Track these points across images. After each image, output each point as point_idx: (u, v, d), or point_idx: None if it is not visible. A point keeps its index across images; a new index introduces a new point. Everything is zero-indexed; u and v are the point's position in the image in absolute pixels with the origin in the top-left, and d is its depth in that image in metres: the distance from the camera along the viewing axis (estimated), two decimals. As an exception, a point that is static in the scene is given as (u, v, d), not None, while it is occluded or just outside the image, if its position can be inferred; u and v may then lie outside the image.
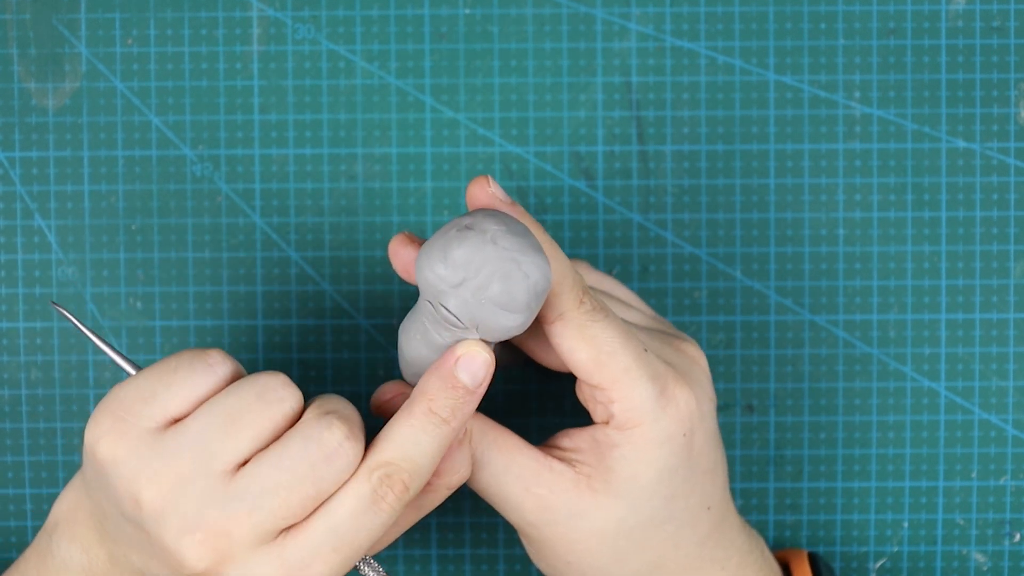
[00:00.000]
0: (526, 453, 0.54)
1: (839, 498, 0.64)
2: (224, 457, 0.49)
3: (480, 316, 0.49)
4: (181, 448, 0.49)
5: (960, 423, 0.64)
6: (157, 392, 0.50)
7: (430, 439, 0.50)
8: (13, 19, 0.63)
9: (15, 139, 0.63)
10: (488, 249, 0.49)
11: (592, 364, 0.52)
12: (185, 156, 0.63)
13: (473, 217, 0.49)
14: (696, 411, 0.53)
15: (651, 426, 0.52)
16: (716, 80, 0.63)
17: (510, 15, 0.63)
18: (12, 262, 0.63)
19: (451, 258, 0.49)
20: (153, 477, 0.49)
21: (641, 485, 0.53)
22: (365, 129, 0.63)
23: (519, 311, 0.49)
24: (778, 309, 0.64)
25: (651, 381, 0.52)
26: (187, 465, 0.49)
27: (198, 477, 0.49)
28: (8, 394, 0.64)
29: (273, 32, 0.63)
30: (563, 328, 0.51)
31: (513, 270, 0.49)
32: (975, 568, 0.64)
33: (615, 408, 0.52)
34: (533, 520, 0.54)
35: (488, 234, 0.49)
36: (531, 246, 0.49)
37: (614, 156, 0.64)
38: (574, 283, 0.51)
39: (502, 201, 0.51)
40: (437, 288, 0.49)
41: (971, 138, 0.63)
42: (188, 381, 0.50)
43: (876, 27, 0.63)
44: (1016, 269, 0.64)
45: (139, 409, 0.50)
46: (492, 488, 0.54)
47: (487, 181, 0.51)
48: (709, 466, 0.55)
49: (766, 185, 0.64)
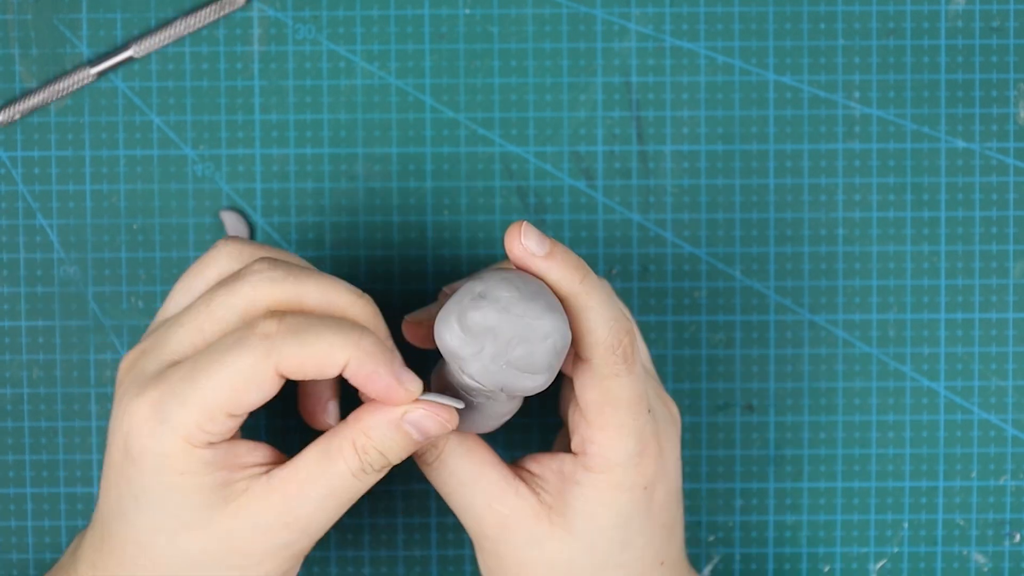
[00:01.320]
0: (496, 470, 0.54)
1: (839, 498, 0.64)
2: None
3: (502, 380, 0.50)
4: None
5: (960, 423, 0.64)
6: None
7: (333, 330, 0.50)
8: (14, 19, 0.63)
9: (17, 139, 0.63)
10: (503, 317, 0.49)
11: (595, 408, 0.53)
12: (186, 156, 0.63)
13: (486, 283, 0.50)
14: (661, 469, 0.54)
15: (617, 475, 0.53)
16: (716, 80, 0.63)
17: (510, 15, 0.63)
18: (14, 261, 0.64)
19: (467, 328, 0.50)
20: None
21: (597, 526, 0.54)
22: (365, 129, 0.63)
23: (541, 372, 0.50)
24: (778, 309, 0.64)
25: (636, 441, 0.53)
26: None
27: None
28: (10, 393, 0.64)
29: (274, 32, 0.63)
30: (585, 370, 0.52)
31: (530, 334, 0.49)
32: (975, 569, 0.64)
33: (592, 449, 0.53)
34: (491, 535, 0.55)
35: (501, 302, 0.49)
36: (546, 307, 0.50)
37: (614, 156, 0.64)
38: (609, 334, 0.51)
39: (536, 256, 0.51)
40: (457, 355, 0.50)
41: (970, 138, 0.63)
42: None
43: (876, 27, 0.63)
44: (1015, 269, 0.64)
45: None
46: (457, 495, 0.55)
47: (520, 232, 0.51)
48: (668, 521, 0.56)
49: (766, 185, 0.64)
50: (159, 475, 0.50)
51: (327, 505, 0.51)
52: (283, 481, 0.51)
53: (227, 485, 0.51)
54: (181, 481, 0.50)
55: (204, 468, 0.50)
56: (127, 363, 0.53)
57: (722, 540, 0.64)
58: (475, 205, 0.64)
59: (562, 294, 0.51)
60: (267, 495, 0.51)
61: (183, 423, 0.50)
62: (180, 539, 0.51)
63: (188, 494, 0.50)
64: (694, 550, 0.64)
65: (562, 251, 0.51)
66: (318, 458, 0.51)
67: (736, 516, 0.64)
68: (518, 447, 0.64)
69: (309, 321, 0.50)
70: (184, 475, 0.50)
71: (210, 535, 0.51)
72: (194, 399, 0.49)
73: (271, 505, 0.51)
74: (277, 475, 0.51)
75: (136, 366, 0.52)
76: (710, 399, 0.64)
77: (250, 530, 0.51)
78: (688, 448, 0.64)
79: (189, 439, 0.50)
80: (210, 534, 0.51)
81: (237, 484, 0.51)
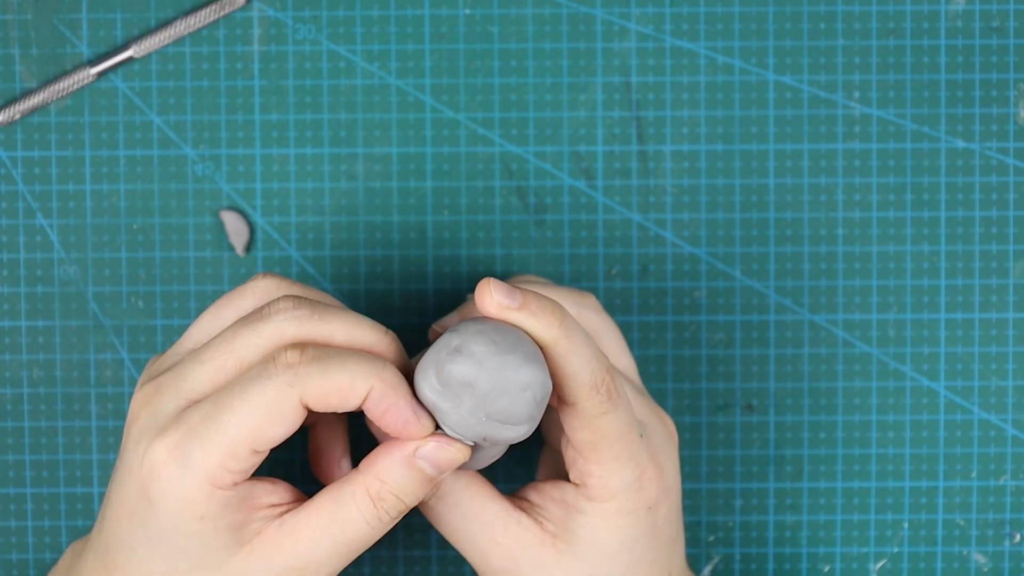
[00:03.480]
0: (496, 503, 0.54)
1: (839, 498, 0.64)
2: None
3: (483, 432, 0.50)
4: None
5: (960, 423, 0.64)
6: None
7: (356, 360, 0.50)
8: (14, 19, 0.63)
9: (17, 138, 0.63)
10: (480, 371, 0.49)
11: (589, 446, 0.52)
12: (186, 156, 0.63)
13: (461, 336, 0.50)
14: (663, 488, 0.54)
15: (620, 501, 0.53)
16: (716, 80, 0.63)
17: (510, 15, 0.63)
18: (14, 261, 0.64)
19: (445, 382, 0.49)
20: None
21: (604, 551, 0.54)
22: (365, 129, 0.63)
23: (522, 423, 0.50)
24: (778, 309, 0.64)
25: (634, 468, 0.53)
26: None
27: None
28: (10, 393, 0.64)
29: (274, 32, 0.63)
30: (573, 413, 0.52)
31: (509, 387, 0.49)
32: (975, 569, 0.64)
33: (591, 482, 0.53)
34: (498, 568, 0.54)
35: (476, 356, 0.49)
36: (524, 359, 0.49)
37: (614, 156, 0.64)
38: (592, 375, 0.51)
39: (508, 308, 0.51)
40: (436, 408, 0.50)
41: (970, 138, 0.63)
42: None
43: (876, 27, 0.63)
44: (1015, 269, 0.64)
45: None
46: (460, 532, 0.54)
47: (489, 289, 0.51)
48: (672, 535, 0.56)
49: (766, 185, 0.64)
50: (178, 519, 0.50)
51: (339, 552, 0.51)
52: (294, 528, 0.51)
53: (243, 527, 0.50)
54: (199, 526, 0.50)
55: (224, 511, 0.50)
56: (142, 397, 0.52)
57: (722, 540, 0.64)
58: (475, 205, 0.64)
59: (541, 342, 0.51)
60: (279, 540, 0.50)
61: (206, 465, 0.49)
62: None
63: (205, 538, 0.50)
64: (694, 550, 0.64)
65: (535, 299, 0.51)
66: (330, 506, 0.51)
67: (736, 516, 0.64)
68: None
69: (330, 352, 0.50)
70: (204, 519, 0.50)
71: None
72: (216, 438, 0.49)
73: (283, 550, 0.50)
74: (289, 521, 0.51)
75: (152, 403, 0.51)
76: (710, 399, 0.64)
77: (262, 572, 0.51)
78: (688, 448, 0.64)
79: (212, 480, 0.49)
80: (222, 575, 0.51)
81: (252, 526, 0.51)
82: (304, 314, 0.51)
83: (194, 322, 0.54)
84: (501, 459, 0.64)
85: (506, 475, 0.64)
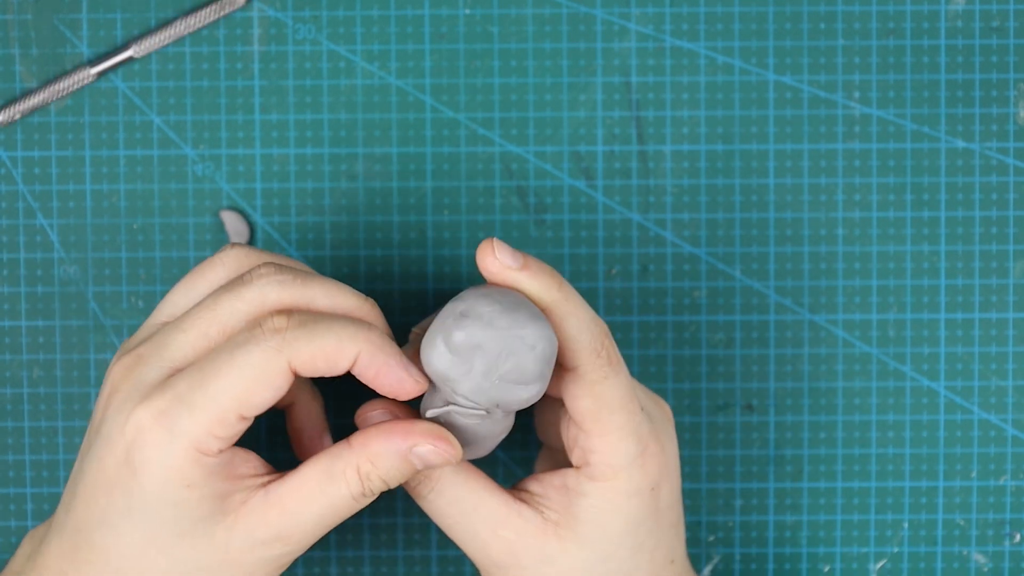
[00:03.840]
0: (496, 496, 0.54)
1: (839, 498, 0.64)
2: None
3: (496, 395, 0.50)
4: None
5: (960, 423, 0.64)
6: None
7: (342, 324, 0.50)
8: (15, 19, 0.63)
9: (17, 138, 0.63)
10: (488, 332, 0.49)
11: (590, 415, 0.53)
12: (186, 156, 0.64)
13: (466, 301, 0.50)
14: (665, 467, 0.54)
15: (623, 480, 0.53)
16: (716, 80, 0.63)
17: (510, 15, 0.63)
18: (14, 261, 0.64)
19: (454, 349, 0.50)
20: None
21: (608, 534, 0.54)
22: (365, 129, 0.63)
23: (533, 382, 0.50)
24: (778, 309, 0.64)
25: (636, 442, 0.53)
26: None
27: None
28: (10, 393, 0.64)
29: (274, 32, 0.63)
30: (574, 379, 0.52)
31: (517, 346, 0.49)
32: (975, 569, 0.64)
33: (594, 459, 0.53)
34: (499, 562, 0.54)
35: (484, 318, 0.49)
36: (529, 317, 0.50)
37: (614, 156, 0.64)
38: (592, 338, 0.52)
39: (511, 268, 0.51)
40: (447, 377, 0.50)
41: (970, 138, 0.63)
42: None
43: (876, 27, 0.63)
44: (1015, 269, 0.64)
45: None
46: (460, 527, 0.54)
47: (492, 248, 0.51)
48: (675, 520, 0.56)
49: (766, 185, 0.64)
50: (162, 487, 0.50)
51: (324, 523, 0.51)
52: (281, 497, 0.51)
53: (227, 496, 0.50)
54: (185, 493, 0.50)
55: (208, 479, 0.50)
56: (122, 368, 0.52)
57: (722, 540, 0.64)
58: (475, 205, 0.64)
59: (542, 304, 0.51)
60: (265, 510, 0.50)
61: (193, 430, 0.49)
62: (175, 550, 0.50)
63: (190, 507, 0.50)
64: (694, 550, 0.64)
65: (535, 261, 0.51)
66: (320, 479, 0.51)
67: (736, 516, 0.64)
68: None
69: (316, 317, 0.50)
70: (189, 487, 0.50)
71: (206, 546, 0.50)
72: (204, 403, 0.49)
73: (269, 520, 0.51)
74: (275, 491, 0.51)
75: (134, 373, 0.51)
76: (710, 399, 0.64)
77: (246, 542, 0.51)
78: (688, 448, 0.64)
79: (199, 447, 0.49)
80: (206, 545, 0.50)
81: (236, 495, 0.51)
82: (286, 279, 0.51)
83: (165, 296, 0.54)
84: (501, 460, 0.64)
85: (506, 475, 0.64)
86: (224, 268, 0.54)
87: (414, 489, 0.54)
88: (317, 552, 0.64)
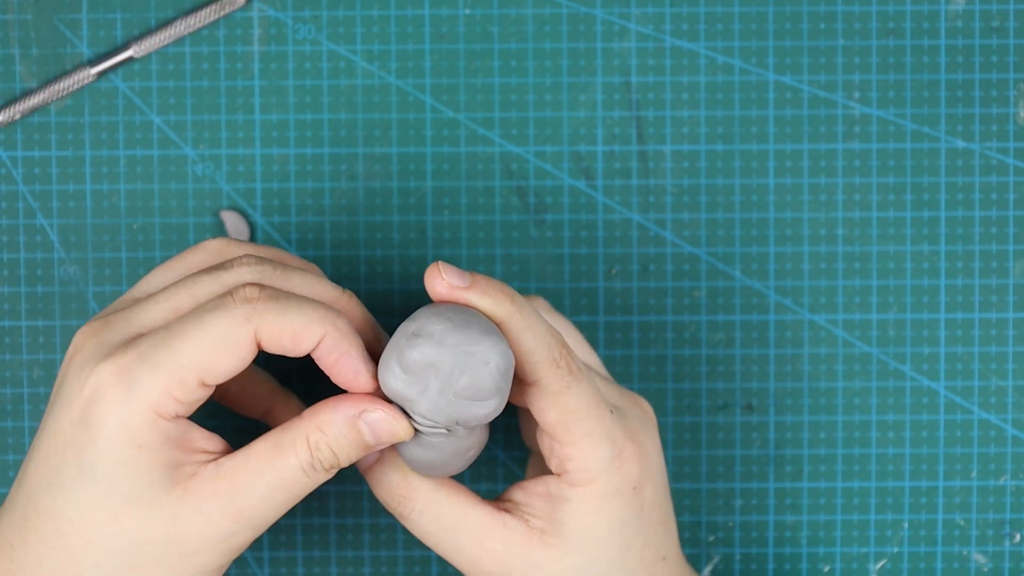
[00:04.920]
0: (479, 508, 0.54)
1: (839, 498, 0.64)
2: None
3: (453, 413, 0.50)
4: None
5: (960, 423, 0.64)
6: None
7: (311, 305, 0.51)
8: (15, 19, 0.63)
9: (17, 138, 0.63)
10: (440, 350, 0.49)
11: (559, 425, 0.53)
12: (186, 156, 0.64)
13: (418, 321, 0.50)
14: (645, 467, 0.54)
15: (603, 483, 0.53)
16: (716, 80, 0.63)
17: (510, 15, 0.63)
18: (15, 261, 0.64)
19: (408, 369, 0.50)
20: None
21: (593, 537, 0.54)
22: (365, 129, 0.63)
23: (490, 397, 0.50)
24: (777, 309, 0.64)
25: (609, 445, 0.53)
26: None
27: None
28: (10, 393, 0.64)
29: (274, 32, 0.63)
30: (537, 392, 0.52)
31: (470, 362, 0.50)
32: (975, 569, 0.64)
33: (571, 466, 0.53)
34: (489, 573, 0.54)
35: (436, 336, 0.50)
36: (481, 332, 0.50)
37: (614, 156, 0.64)
38: (549, 350, 0.52)
39: (459, 288, 0.51)
40: (404, 397, 0.50)
41: (970, 138, 0.63)
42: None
43: (876, 27, 0.63)
44: (1015, 269, 0.64)
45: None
46: (447, 543, 0.54)
47: (439, 271, 0.51)
48: (662, 517, 0.56)
49: (766, 185, 0.64)
50: (115, 446, 0.49)
51: (274, 498, 0.51)
52: (231, 470, 0.50)
53: (178, 467, 0.50)
54: (137, 455, 0.49)
55: (162, 444, 0.49)
56: (88, 330, 0.51)
57: (722, 540, 0.64)
58: (475, 205, 0.64)
59: (496, 319, 0.51)
60: (214, 481, 0.50)
61: (152, 389, 0.49)
62: (121, 518, 0.50)
63: (140, 470, 0.49)
64: (694, 550, 0.64)
65: (484, 278, 0.51)
66: (269, 450, 0.50)
67: (736, 516, 0.64)
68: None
69: (288, 295, 0.50)
70: (141, 449, 0.49)
71: (153, 516, 0.50)
72: (166, 363, 0.49)
73: (217, 492, 0.50)
74: (226, 463, 0.50)
75: (99, 335, 0.51)
76: (710, 399, 0.64)
77: (194, 516, 0.50)
78: (688, 448, 0.64)
79: (156, 407, 0.49)
80: (153, 515, 0.50)
81: (186, 467, 0.50)
82: (266, 269, 0.52)
83: (143, 278, 0.54)
84: (500, 459, 0.64)
85: (506, 474, 0.64)
86: (207, 255, 0.54)
87: (396, 510, 0.55)
88: (317, 552, 0.64)
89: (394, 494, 0.54)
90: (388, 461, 0.55)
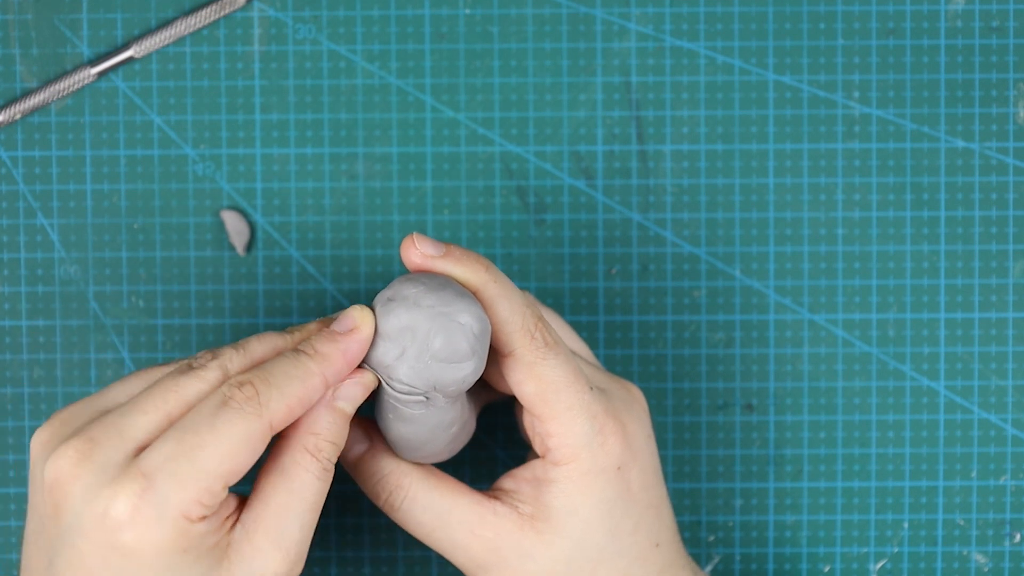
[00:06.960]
0: (468, 497, 0.55)
1: (839, 498, 0.64)
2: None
3: (432, 376, 0.51)
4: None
5: (959, 422, 0.64)
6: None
7: (292, 364, 0.50)
8: (15, 19, 0.63)
9: (18, 138, 0.63)
10: (414, 313, 0.50)
11: (538, 398, 0.53)
12: (187, 155, 0.64)
13: (392, 288, 0.51)
14: (629, 446, 0.54)
15: (585, 460, 0.53)
16: (716, 80, 0.64)
17: (510, 15, 0.63)
18: (15, 260, 0.64)
19: (385, 334, 0.50)
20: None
21: (580, 519, 0.54)
22: (366, 129, 0.64)
23: (466, 359, 0.50)
24: (777, 308, 0.64)
25: (590, 420, 0.53)
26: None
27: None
28: (10, 393, 0.64)
29: (274, 32, 0.63)
30: (514, 364, 0.53)
31: (445, 323, 0.50)
32: (975, 569, 0.64)
33: (552, 443, 0.53)
34: (483, 563, 0.55)
35: (410, 299, 0.50)
36: (455, 295, 0.50)
37: (614, 156, 0.64)
38: (524, 320, 0.52)
39: (433, 256, 0.52)
40: (383, 364, 0.51)
41: (970, 138, 0.63)
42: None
43: (875, 27, 0.63)
44: (1015, 269, 0.64)
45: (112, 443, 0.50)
46: (438, 533, 0.55)
47: (414, 241, 0.52)
48: (653, 501, 0.56)
49: (765, 185, 0.64)
50: (160, 559, 0.49)
51: (306, 520, 0.51)
52: (257, 521, 0.50)
53: (215, 547, 0.50)
54: (183, 558, 0.49)
55: (202, 538, 0.49)
56: (75, 454, 0.49)
57: (722, 540, 0.64)
58: (475, 205, 0.64)
59: (471, 287, 0.52)
60: (251, 540, 0.50)
61: (181, 504, 0.48)
62: None
63: (189, 568, 0.49)
64: (694, 550, 0.64)
65: (459, 248, 0.52)
66: (282, 483, 0.51)
67: (736, 516, 0.64)
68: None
69: (272, 370, 0.50)
70: (187, 551, 0.49)
71: None
72: (192, 475, 0.48)
73: (258, 546, 0.50)
74: (249, 520, 0.50)
75: (92, 457, 0.49)
76: (710, 399, 0.64)
77: (248, 574, 0.50)
78: (688, 448, 0.64)
79: (187, 516, 0.48)
80: None
81: (220, 543, 0.50)
82: (229, 353, 0.52)
83: (115, 383, 0.53)
84: (500, 459, 0.64)
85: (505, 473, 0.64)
86: (142, 379, 0.53)
87: (386, 502, 0.55)
88: (317, 552, 0.64)
89: (385, 484, 0.55)
90: (378, 452, 0.55)
